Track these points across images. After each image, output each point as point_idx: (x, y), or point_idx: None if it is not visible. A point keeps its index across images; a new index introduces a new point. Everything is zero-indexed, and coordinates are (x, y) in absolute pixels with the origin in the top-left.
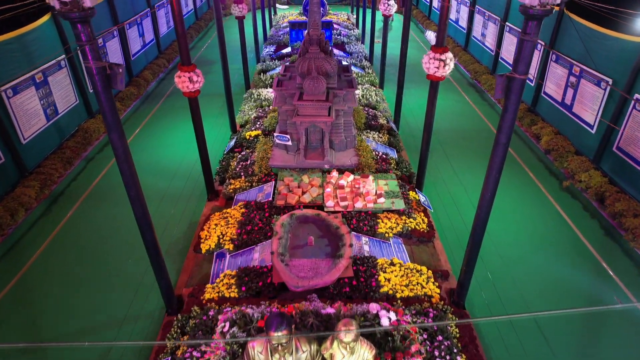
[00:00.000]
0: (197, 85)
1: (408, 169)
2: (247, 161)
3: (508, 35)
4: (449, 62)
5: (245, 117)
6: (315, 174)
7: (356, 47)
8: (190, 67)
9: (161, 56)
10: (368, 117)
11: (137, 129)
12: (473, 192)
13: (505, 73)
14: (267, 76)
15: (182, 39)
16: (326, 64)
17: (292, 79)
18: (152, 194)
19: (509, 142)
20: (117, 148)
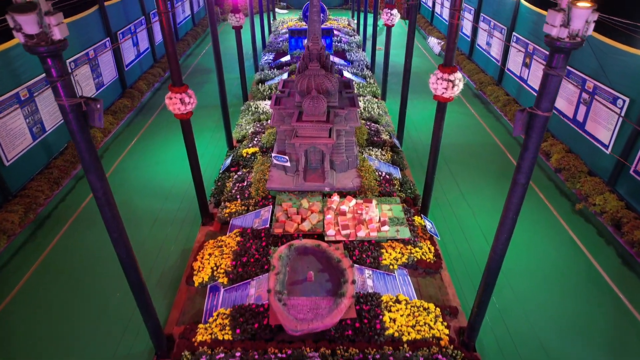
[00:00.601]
0: (189, 106)
1: (413, 190)
2: (243, 182)
3: (515, 45)
4: (458, 83)
5: (243, 132)
6: (315, 198)
7: (357, 55)
8: (182, 88)
9: (157, 65)
10: (370, 133)
11: (130, 143)
12: (481, 215)
13: (526, 108)
14: (266, 86)
15: (173, 59)
16: (327, 81)
17: (290, 96)
18: (145, 217)
19: (529, 182)
20: (97, 190)
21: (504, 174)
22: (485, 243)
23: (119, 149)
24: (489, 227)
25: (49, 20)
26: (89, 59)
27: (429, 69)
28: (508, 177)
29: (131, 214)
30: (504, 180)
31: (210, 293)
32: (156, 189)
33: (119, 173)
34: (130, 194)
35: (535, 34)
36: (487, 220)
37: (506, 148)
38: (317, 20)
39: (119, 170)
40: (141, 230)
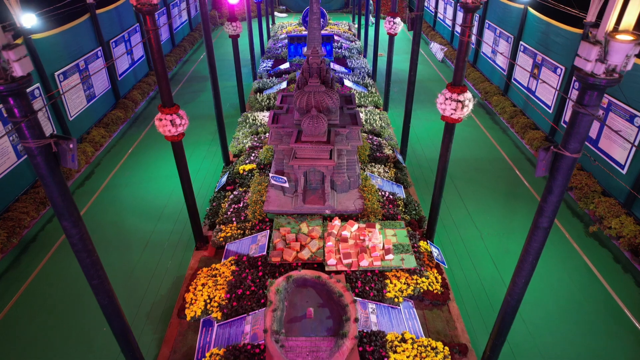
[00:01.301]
0: (180, 128)
1: (417, 211)
2: (239, 203)
3: (522, 55)
4: (468, 104)
5: (240, 147)
6: (315, 222)
7: (358, 62)
8: (173, 109)
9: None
10: (372, 148)
11: (123, 157)
12: (489, 238)
13: (551, 146)
14: (264, 96)
15: (163, 79)
16: (327, 99)
17: (289, 113)
18: (136, 240)
19: (552, 226)
20: (72, 236)
21: (513, 192)
22: (495, 269)
23: (110, 164)
24: (498, 252)
25: (7, 56)
26: (80, 71)
27: (432, 77)
28: (517, 195)
29: (121, 236)
30: (512, 199)
31: (203, 328)
32: (149, 209)
33: (110, 190)
34: (121, 214)
35: (544, 44)
36: (495, 244)
37: (514, 163)
38: (317, 27)
39: (110, 187)
40: (132, 255)
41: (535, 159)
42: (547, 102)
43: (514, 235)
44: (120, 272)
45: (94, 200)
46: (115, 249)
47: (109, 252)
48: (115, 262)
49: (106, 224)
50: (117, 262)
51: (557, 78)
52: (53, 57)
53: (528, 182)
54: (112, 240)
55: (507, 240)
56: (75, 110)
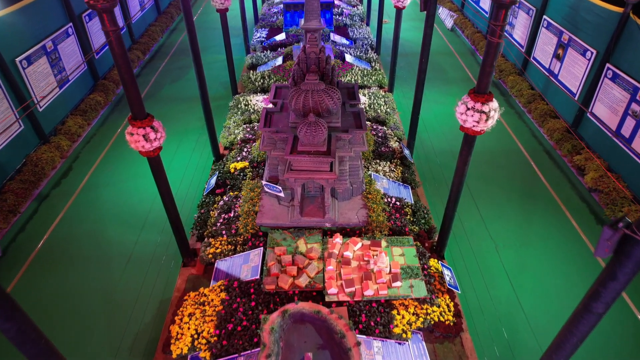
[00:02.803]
0: (156, 143)
1: (427, 219)
2: (230, 212)
3: (545, 32)
4: (494, 115)
5: (231, 138)
6: (314, 237)
7: (361, 32)
8: (146, 121)
9: (135, 47)
10: (377, 141)
11: (105, 149)
12: (505, 250)
13: (619, 222)
14: (258, 74)
15: (131, 86)
16: (327, 99)
17: (284, 111)
18: (117, 254)
19: (606, 312)
20: (7, 330)
21: (530, 191)
22: (511, 289)
23: (90, 158)
24: (514, 268)
25: None
26: (47, 53)
27: (441, 48)
28: (534, 196)
29: (101, 249)
30: (529, 200)
31: None
32: (132, 215)
33: (89, 191)
34: (101, 221)
35: (572, 22)
36: (511, 258)
37: (531, 156)
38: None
39: (90, 187)
40: (112, 273)
41: (555, 152)
42: (571, 89)
43: (531, 247)
44: (100, 294)
45: (71, 204)
46: (94, 265)
47: (87, 269)
48: (94, 282)
49: (84, 234)
50: (96, 282)
51: (586, 63)
52: (12, 40)
53: (546, 180)
54: (90, 254)
55: (524, 253)
56: (46, 98)
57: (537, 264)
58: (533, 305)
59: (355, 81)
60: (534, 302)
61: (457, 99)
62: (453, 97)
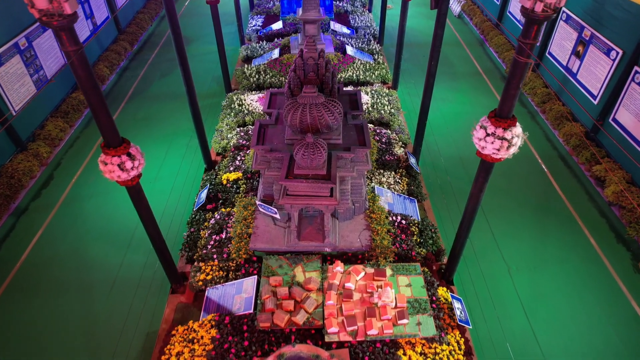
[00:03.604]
0: (134, 171)
1: (435, 239)
2: (221, 233)
3: (564, 26)
4: (516, 142)
5: (223, 143)
6: (313, 264)
7: (363, 20)
8: (120, 149)
9: (121, 37)
10: (380, 149)
11: (89, 154)
12: (518, 274)
13: None
14: (253, 68)
15: (101, 111)
16: (327, 114)
17: (279, 123)
18: (100, 278)
19: None
20: None
21: (545, 205)
22: (525, 320)
23: (72, 165)
24: (529, 294)
25: None
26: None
27: (446, 38)
28: (549, 210)
29: (83, 273)
30: (544, 215)
31: None
32: (117, 232)
33: (71, 204)
34: (82, 239)
35: (595, 16)
36: (525, 283)
37: (545, 163)
38: None
39: (72, 199)
40: (95, 300)
41: (572, 159)
42: (591, 90)
43: (547, 270)
44: (82, 325)
45: (51, 219)
46: (74, 291)
47: (67, 297)
48: (75, 312)
49: (65, 255)
50: (77, 312)
51: (610, 63)
52: None
53: (562, 191)
54: (71, 279)
55: (540, 277)
56: (21, 100)
57: (553, 290)
58: (549, 340)
59: (357, 77)
60: (550, 336)
61: (466, 97)
62: (461, 94)
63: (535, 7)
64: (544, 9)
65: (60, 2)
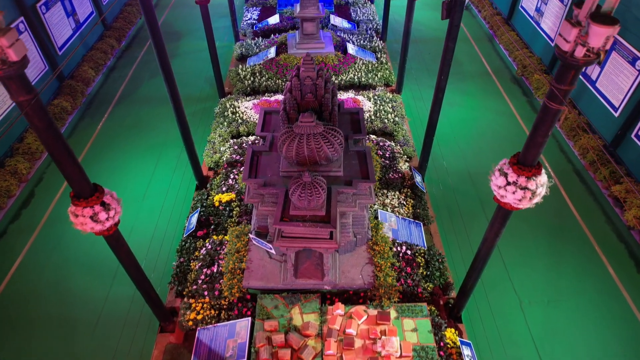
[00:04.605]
0: (109, 222)
1: (442, 271)
2: (213, 265)
3: None
4: (541, 191)
5: (216, 157)
6: (311, 305)
7: (364, 12)
8: (93, 199)
9: (107, 34)
10: (384, 165)
11: None
12: (530, 309)
13: None
14: (248, 69)
15: (68, 164)
16: (327, 145)
17: (273, 150)
18: (84, 314)
19: None
20: None
21: (559, 226)
22: None
23: (55, 180)
24: (543, 332)
25: None
26: None
27: None
28: (564, 233)
29: (65, 308)
30: (559, 239)
31: None
32: (102, 258)
33: (53, 226)
34: (65, 267)
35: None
36: (539, 319)
37: (560, 178)
38: None
39: (54, 220)
40: (77, 339)
41: (588, 175)
42: (612, 101)
43: (562, 304)
44: None
45: (31, 244)
46: (54, 329)
47: (48, 336)
48: (55, 352)
49: (45, 286)
50: (57, 353)
51: (636, 74)
52: None
53: (577, 211)
54: (51, 315)
55: (554, 311)
56: None
57: (568, 326)
58: None
59: (358, 79)
60: None
61: (474, 100)
62: (470, 97)
63: (576, 52)
64: (587, 53)
65: (3, 49)
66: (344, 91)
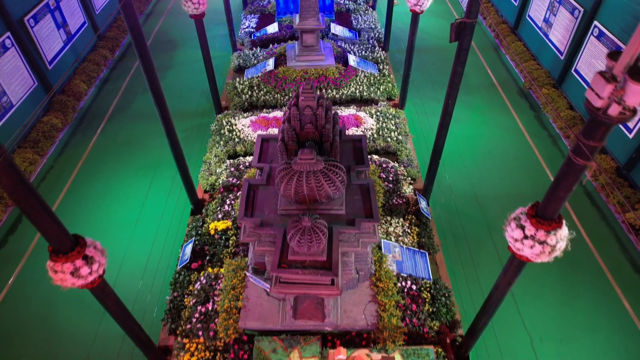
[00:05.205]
0: (93, 275)
1: (449, 306)
2: (208, 302)
3: (595, 42)
4: (561, 246)
5: (212, 179)
6: (311, 348)
7: (366, 19)
8: (73, 254)
9: (100, 44)
10: (387, 189)
11: (63, 190)
12: (543, 347)
13: None
14: (245, 82)
15: (42, 220)
16: (328, 184)
17: (271, 183)
18: (71, 354)
19: None
20: None
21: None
22: None
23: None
24: None
25: None
26: None
27: None
28: (577, 263)
29: (51, 345)
30: (572, 270)
31: None
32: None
33: (40, 254)
34: (52, 300)
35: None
36: (552, 357)
37: (572, 205)
38: None
39: (42, 247)
40: None
41: (600, 198)
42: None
43: (576, 342)
44: None
45: (18, 274)
46: None
47: None
48: None
49: (31, 322)
50: None
51: None
52: None
53: (589, 237)
54: (36, 355)
55: (568, 350)
56: None
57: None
58: None
59: (360, 93)
60: None
61: (480, 115)
62: (475, 111)
63: (610, 110)
64: (622, 111)
65: None
66: (345, 107)
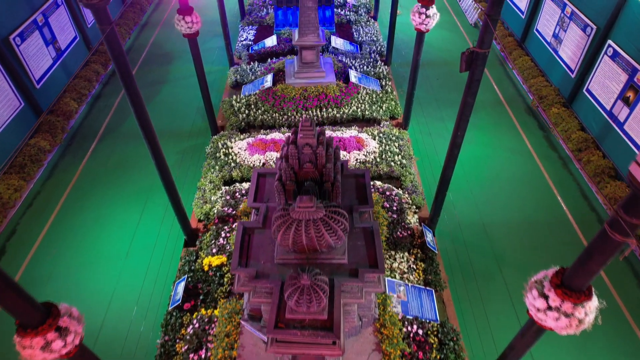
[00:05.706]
0: (68, 347)
1: (457, 352)
2: (201, 349)
3: (608, 62)
4: (590, 319)
5: (206, 208)
6: None
7: (368, 31)
8: (45, 327)
9: (93, 59)
10: (391, 220)
11: (51, 216)
12: None
13: None
14: (242, 100)
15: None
16: (329, 233)
17: (267, 226)
18: None
19: None
20: None
21: None
22: None
23: (29, 233)
24: None
25: None
26: None
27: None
28: None
29: None
30: None
31: None
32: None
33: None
34: None
35: None
36: None
37: (581, 229)
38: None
39: (26, 284)
40: None
41: None
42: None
43: None
44: None
45: None
46: None
47: None
48: None
49: None
50: None
51: None
52: None
53: (605, 272)
54: None
55: None
56: None
57: None
58: None
59: (362, 112)
60: None
61: (487, 136)
62: (481, 132)
63: None
64: None
65: None
66: (346, 127)
